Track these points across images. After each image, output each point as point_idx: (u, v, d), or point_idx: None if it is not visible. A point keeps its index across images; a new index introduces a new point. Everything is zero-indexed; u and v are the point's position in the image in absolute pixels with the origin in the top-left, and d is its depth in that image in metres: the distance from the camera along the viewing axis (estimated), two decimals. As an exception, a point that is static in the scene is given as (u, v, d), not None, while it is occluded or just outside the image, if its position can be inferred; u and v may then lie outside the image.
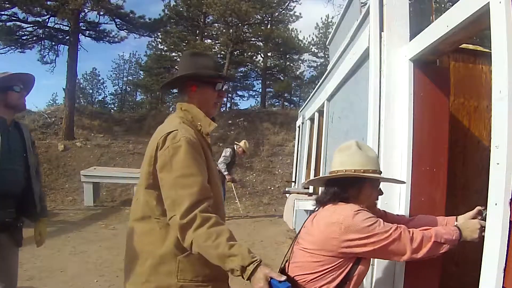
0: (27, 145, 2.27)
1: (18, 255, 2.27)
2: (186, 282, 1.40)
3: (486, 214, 1.40)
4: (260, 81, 24.01)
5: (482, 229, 1.37)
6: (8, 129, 2.18)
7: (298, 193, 6.07)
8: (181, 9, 17.57)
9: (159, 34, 17.24)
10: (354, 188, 1.48)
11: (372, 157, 1.51)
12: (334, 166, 1.53)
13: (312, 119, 6.05)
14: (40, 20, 13.03)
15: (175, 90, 1.82)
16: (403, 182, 1.73)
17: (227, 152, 7.18)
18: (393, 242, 1.32)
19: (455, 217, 1.58)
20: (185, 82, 1.55)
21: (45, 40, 13.99)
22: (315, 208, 1.58)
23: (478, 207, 1.52)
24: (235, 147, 7.35)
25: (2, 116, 2.17)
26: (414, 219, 1.64)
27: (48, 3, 12.38)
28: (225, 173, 7.08)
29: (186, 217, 1.27)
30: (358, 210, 1.38)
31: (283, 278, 1.18)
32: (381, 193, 1.58)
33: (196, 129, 1.51)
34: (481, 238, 1.37)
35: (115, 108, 31.25)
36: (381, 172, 1.53)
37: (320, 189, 1.67)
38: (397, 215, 1.71)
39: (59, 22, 12.97)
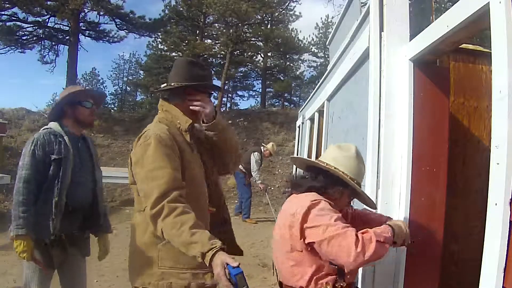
0: (94, 159, 2.30)
1: (85, 265, 2.34)
2: (166, 269, 1.50)
3: None
4: (260, 81, 24.04)
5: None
6: (78, 144, 2.19)
7: (298, 193, 6.06)
8: (181, 9, 17.57)
9: (159, 34, 17.22)
10: (336, 188, 1.48)
11: (362, 171, 1.54)
12: (326, 158, 1.53)
13: (312, 119, 6.06)
14: (40, 20, 13.07)
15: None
16: (374, 208, 1.70)
17: (255, 156, 6.94)
18: (337, 236, 1.28)
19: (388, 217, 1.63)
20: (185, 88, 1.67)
21: (45, 40, 14.02)
22: (287, 189, 1.60)
23: None
24: (262, 149, 7.18)
25: (73, 132, 2.18)
26: (360, 213, 1.70)
27: (48, 3, 12.40)
28: (258, 182, 6.96)
29: (155, 208, 1.38)
30: (316, 200, 1.38)
31: (236, 263, 1.25)
32: (349, 204, 1.63)
33: (176, 127, 1.62)
34: (407, 238, 1.42)
35: (115, 108, 31.26)
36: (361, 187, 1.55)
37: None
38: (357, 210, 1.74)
39: (59, 22, 13.01)
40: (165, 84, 1.71)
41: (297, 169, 1.78)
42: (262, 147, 7.28)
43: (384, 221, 1.53)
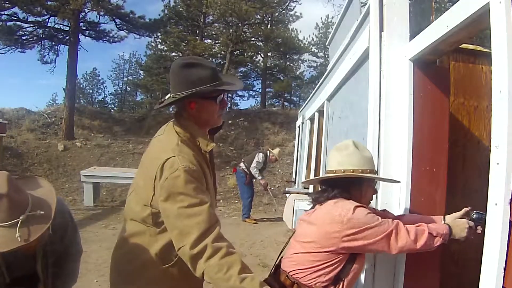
0: (37, 256, 1.65)
1: None
2: None
3: (474, 216, 1.51)
4: (260, 81, 24.01)
5: (470, 229, 1.45)
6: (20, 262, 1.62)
7: (298, 193, 6.08)
8: (181, 9, 17.55)
9: (159, 34, 17.21)
10: (354, 188, 1.52)
11: (369, 157, 1.55)
12: (332, 165, 1.55)
13: (312, 119, 6.06)
14: (40, 20, 13.04)
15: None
16: (397, 182, 1.75)
17: (259, 157, 7.09)
18: (391, 234, 1.39)
19: (441, 216, 1.64)
20: (182, 99, 1.45)
21: (45, 40, 13.98)
22: (311, 207, 1.62)
23: (465, 208, 1.58)
24: (268, 153, 7.29)
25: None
26: (402, 217, 1.68)
27: (49, 3, 12.38)
28: (259, 178, 7.05)
29: (196, 247, 1.27)
30: (359, 206, 1.44)
31: None
32: (375, 192, 1.64)
33: (195, 145, 1.47)
34: (468, 238, 1.45)
35: (115, 108, 31.33)
36: (376, 172, 1.59)
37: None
38: (385, 211, 1.75)
39: (59, 22, 12.97)
40: (168, 96, 1.49)
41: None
42: (268, 152, 7.34)
43: (435, 220, 1.61)
